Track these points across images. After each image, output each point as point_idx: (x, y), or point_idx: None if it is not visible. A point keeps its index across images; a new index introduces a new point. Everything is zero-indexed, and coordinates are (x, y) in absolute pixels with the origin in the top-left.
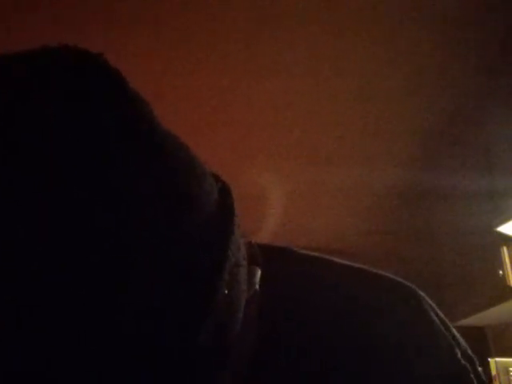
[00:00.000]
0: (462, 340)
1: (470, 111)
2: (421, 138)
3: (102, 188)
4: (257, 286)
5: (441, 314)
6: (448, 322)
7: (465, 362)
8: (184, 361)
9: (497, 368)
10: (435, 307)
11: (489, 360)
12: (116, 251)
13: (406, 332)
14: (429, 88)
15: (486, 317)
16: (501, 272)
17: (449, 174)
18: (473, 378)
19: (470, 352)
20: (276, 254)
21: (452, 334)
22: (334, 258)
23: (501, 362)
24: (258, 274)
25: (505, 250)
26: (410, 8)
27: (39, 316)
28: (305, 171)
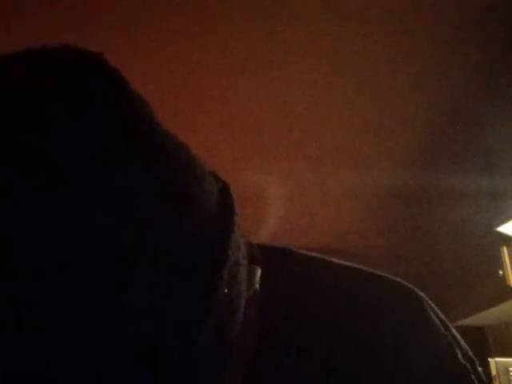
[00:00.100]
0: (462, 341)
1: (470, 111)
2: (421, 137)
3: (102, 188)
4: (257, 286)
5: (441, 314)
6: (448, 322)
7: (465, 362)
8: (184, 361)
9: (497, 368)
10: (435, 308)
11: (489, 360)
12: (116, 251)
13: (406, 332)
14: (429, 88)
15: (486, 317)
16: (501, 272)
17: (449, 174)
18: (473, 378)
19: (470, 353)
20: (276, 254)
21: (452, 335)
22: (334, 259)
23: (501, 361)
24: (258, 274)
25: (505, 250)
26: (410, 8)
27: (39, 316)
28: (305, 171)
